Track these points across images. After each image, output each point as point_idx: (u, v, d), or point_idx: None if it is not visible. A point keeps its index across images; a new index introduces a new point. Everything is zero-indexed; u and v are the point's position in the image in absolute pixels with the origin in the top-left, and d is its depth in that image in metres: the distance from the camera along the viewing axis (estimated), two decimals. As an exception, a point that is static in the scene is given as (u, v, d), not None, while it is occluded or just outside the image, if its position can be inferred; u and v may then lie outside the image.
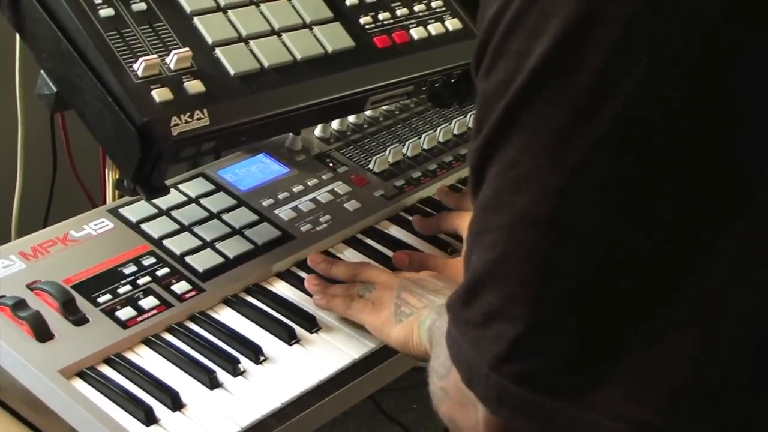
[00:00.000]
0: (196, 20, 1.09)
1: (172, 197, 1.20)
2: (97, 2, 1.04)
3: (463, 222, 1.20)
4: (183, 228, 1.18)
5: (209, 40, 1.08)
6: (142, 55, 1.02)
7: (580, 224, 0.67)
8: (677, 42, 0.63)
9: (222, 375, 1.03)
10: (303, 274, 1.18)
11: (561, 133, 0.65)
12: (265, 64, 1.10)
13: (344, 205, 1.29)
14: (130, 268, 1.11)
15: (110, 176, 1.27)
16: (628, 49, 0.63)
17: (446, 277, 1.10)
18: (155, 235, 1.16)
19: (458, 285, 1.06)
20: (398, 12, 1.24)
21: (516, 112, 0.67)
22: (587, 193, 0.66)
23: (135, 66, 1.01)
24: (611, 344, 0.68)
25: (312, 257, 1.17)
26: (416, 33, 1.24)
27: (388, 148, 1.39)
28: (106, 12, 1.04)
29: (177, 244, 1.15)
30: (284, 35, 1.13)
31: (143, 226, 1.17)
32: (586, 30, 0.63)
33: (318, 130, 1.41)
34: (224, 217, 1.21)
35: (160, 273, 1.11)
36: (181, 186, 1.25)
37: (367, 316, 1.08)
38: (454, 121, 1.48)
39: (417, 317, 1.02)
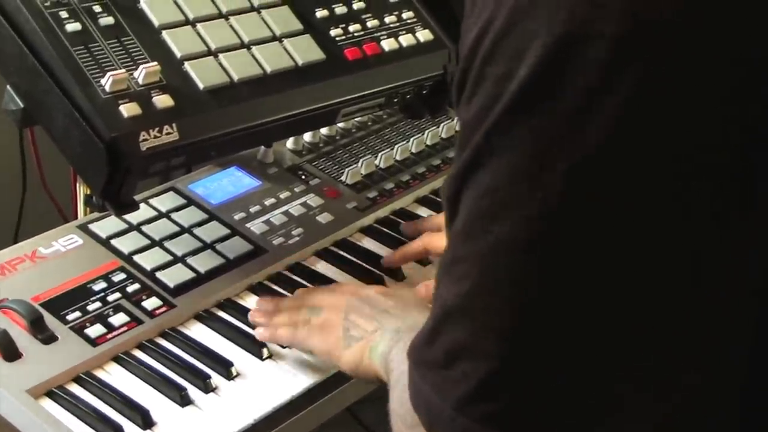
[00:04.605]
0: (165, 34, 1.08)
1: (143, 212, 1.19)
2: (63, 17, 1.03)
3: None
4: (154, 243, 1.17)
5: (178, 54, 1.07)
6: (109, 70, 1.01)
7: (561, 252, 0.63)
8: (667, 60, 0.61)
9: (193, 392, 1.02)
10: (276, 288, 1.17)
11: (544, 155, 0.63)
12: (235, 77, 1.09)
13: (317, 217, 1.28)
14: (100, 285, 1.10)
15: (81, 191, 1.26)
16: (615, 68, 0.60)
17: (395, 293, 1.07)
18: (125, 250, 1.15)
19: (408, 295, 1.05)
20: (369, 24, 1.24)
21: (496, 137, 0.64)
22: (570, 219, 0.63)
23: (102, 81, 1.00)
24: (593, 384, 0.65)
25: (259, 302, 1.12)
26: (387, 45, 1.23)
27: (361, 160, 1.39)
28: (72, 27, 1.03)
29: (148, 260, 1.14)
30: (254, 48, 1.13)
31: (113, 241, 1.16)
32: (571, 50, 0.61)
33: (290, 143, 1.41)
34: (195, 231, 1.21)
35: (130, 289, 1.10)
36: (151, 200, 1.24)
37: (315, 341, 1.04)
38: (426, 131, 1.47)
39: (367, 341, 1.00)
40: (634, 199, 0.62)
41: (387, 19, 1.25)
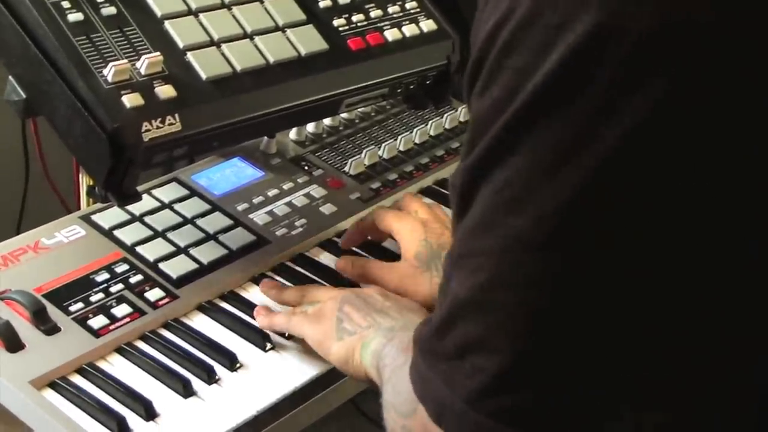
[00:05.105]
0: (167, 24, 1.08)
1: (146, 203, 1.19)
2: (65, 7, 1.03)
3: (399, 222, 1.16)
4: (156, 234, 1.17)
5: (180, 45, 1.07)
6: (112, 60, 1.01)
7: (580, 249, 0.63)
8: (697, 60, 0.59)
9: (196, 383, 1.01)
10: (279, 279, 1.17)
11: (565, 152, 0.62)
12: (238, 67, 1.08)
13: (320, 208, 1.28)
14: (103, 276, 1.10)
15: (84, 182, 1.26)
16: (645, 64, 0.59)
17: (394, 296, 1.05)
18: (128, 241, 1.15)
19: (407, 302, 1.03)
20: (372, 14, 1.23)
21: (515, 131, 0.63)
22: (590, 216, 0.62)
23: (105, 71, 1.00)
24: (607, 381, 0.65)
25: (264, 284, 1.13)
26: (390, 35, 1.23)
27: (364, 151, 1.38)
28: (75, 17, 1.02)
29: (150, 251, 1.14)
30: (257, 38, 1.12)
31: (116, 232, 1.16)
32: (601, 44, 0.60)
33: (293, 133, 1.40)
34: (198, 222, 1.20)
35: (133, 280, 1.10)
36: (154, 191, 1.24)
37: (307, 329, 1.03)
38: (430, 122, 1.47)
39: (360, 337, 0.97)
40: (654, 197, 0.61)
41: (390, 9, 1.25)
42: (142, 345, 1.05)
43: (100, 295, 1.07)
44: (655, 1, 0.59)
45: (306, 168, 1.35)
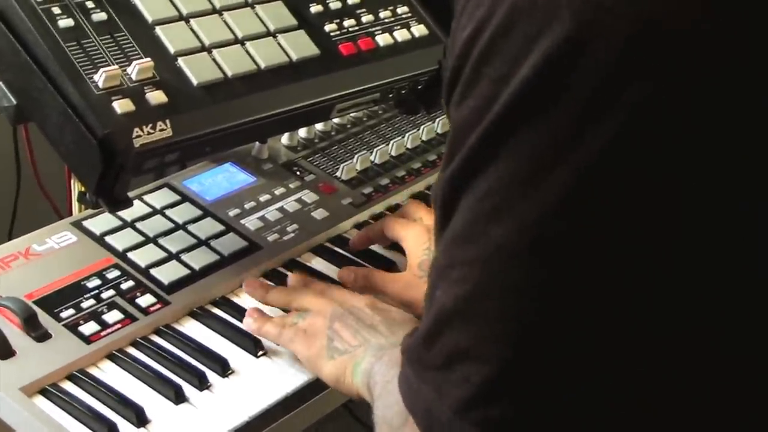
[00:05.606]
0: (158, 30, 1.07)
1: (137, 209, 1.19)
2: (56, 13, 1.02)
3: (404, 230, 1.17)
4: (148, 240, 1.17)
5: (171, 50, 1.07)
6: (102, 66, 1.01)
7: (562, 258, 0.62)
8: (674, 66, 0.59)
9: (188, 389, 1.01)
10: (270, 285, 1.17)
11: (545, 160, 0.61)
12: (229, 73, 1.08)
13: (312, 213, 1.28)
14: (94, 282, 1.09)
15: (75, 188, 1.25)
16: (624, 70, 0.59)
17: (383, 307, 1.04)
18: (119, 247, 1.15)
19: (397, 315, 1.03)
20: (363, 19, 1.23)
21: (493, 141, 0.63)
22: (572, 223, 0.62)
23: (96, 77, 1.00)
24: (596, 391, 0.64)
25: (247, 284, 1.12)
26: (382, 40, 1.23)
27: (356, 156, 1.38)
28: (65, 23, 1.02)
29: (142, 257, 1.14)
30: (248, 44, 1.12)
31: (107, 238, 1.16)
32: (578, 51, 0.59)
33: (285, 138, 1.40)
34: (190, 228, 1.20)
35: (124, 286, 1.10)
36: (145, 197, 1.23)
37: (298, 346, 1.02)
38: (422, 127, 1.47)
39: (351, 357, 0.97)
40: (637, 202, 0.61)
41: (382, 14, 1.25)
42: (133, 351, 1.05)
43: (92, 302, 1.07)
44: (632, 6, 0.59)
45: (298, 173, 1.35)
